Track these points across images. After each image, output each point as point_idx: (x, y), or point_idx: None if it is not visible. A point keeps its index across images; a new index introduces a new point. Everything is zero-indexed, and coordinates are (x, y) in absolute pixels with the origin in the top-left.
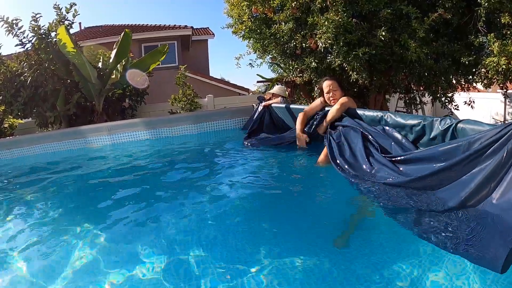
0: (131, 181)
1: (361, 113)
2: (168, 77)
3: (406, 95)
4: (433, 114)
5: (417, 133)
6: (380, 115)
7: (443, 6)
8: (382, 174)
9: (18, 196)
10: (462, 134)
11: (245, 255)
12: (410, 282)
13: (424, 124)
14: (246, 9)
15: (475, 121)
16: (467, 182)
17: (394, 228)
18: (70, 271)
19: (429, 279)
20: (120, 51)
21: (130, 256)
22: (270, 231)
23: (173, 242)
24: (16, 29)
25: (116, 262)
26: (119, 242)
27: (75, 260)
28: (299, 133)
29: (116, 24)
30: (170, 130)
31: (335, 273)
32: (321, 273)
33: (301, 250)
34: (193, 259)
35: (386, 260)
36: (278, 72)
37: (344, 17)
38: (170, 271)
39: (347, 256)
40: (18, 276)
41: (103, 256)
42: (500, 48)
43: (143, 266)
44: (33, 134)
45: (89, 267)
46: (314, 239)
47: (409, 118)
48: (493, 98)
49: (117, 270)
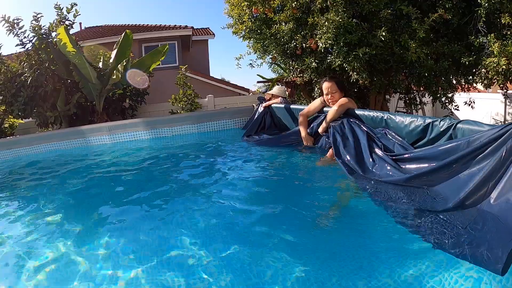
0: (131, 181)
1: (361, 114)
2: (168, 77)
3: (406, 96)
4: (433, 114)
5: (418, 134)
6: (380, 116)
7: (443, 6)
8: (384, 172)
9: (18, 196)
10: (462, 135)
11: (247, 252)
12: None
13: (425, 125)
14: (246, 9)
15: (475, 122)
16: (466, 181)
17: (390, 225)
18: (69, 270)
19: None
20: (121, 52)
21: (130, 256)
22: (270, 230)
23: (174, 241)
24: (17, 28)
25: (115, 261)
26: (118, 242)
27: (75, 259)
28: (305, 135)
29: (117, 24)
30: (171, 130)
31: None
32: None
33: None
34: (191, 258)
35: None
36: (279, 72)
37: (345, 17)
38: (171, 271)
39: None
40: (16, 275)
41: (102, 257)
42: (500, 49)
43: (143, 265)
44: (34, 134)
45: (88, 266)
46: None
47: (409, 118)
48: (493, 99)
49: (116, 269)
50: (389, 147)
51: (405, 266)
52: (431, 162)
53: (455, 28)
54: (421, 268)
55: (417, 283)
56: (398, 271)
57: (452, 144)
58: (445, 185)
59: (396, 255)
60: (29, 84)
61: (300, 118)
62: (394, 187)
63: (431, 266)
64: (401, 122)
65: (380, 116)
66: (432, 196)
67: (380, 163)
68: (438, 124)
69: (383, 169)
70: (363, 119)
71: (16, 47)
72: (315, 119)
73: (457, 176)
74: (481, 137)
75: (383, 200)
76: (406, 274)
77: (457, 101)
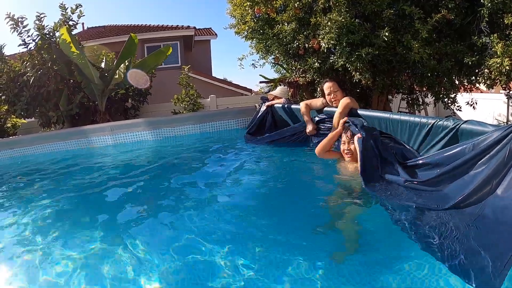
0: (133, 181)
1: (363, 114)
2: (170, 77)
3: (409, 96)
4: (436, 114)
5: (424, 134)
6: (383, 116)
7: (446, 6)
8: (401, 177)
9: (19, 194)
10: (466, 135)
11: (250, 250)
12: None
13: (429, 124)
14: (249, 9)
15: (478, 122)
16: (471, 180)
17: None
18: (68, 269)
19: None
20: (125, 55)
21: (131, 254)
22: (270, 227)
23: (174, 241)
24: (20, 27)
25: (113, 260)
26: (116, 241)
27: (73, 259)
28: (308, 119)
29: (119, 25)
30: (173, 130)
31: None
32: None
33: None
34: (194, 256)
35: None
36: (281, 72)
37: (347, 17)
38: (171, 271)
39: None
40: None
41: (102, 256)
42: (503, 49)
43: (146, 264)
44: (36, 134)
45: (86, 265)
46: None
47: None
48: (495, 99)
49: (116, 268)
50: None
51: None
52: (440, 167)
53: (458, 28)
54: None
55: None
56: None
57: (458, 149)
58: (451, 185)
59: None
60: (31, 84)
61: (303, 107)
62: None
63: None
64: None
65: (383, 116)
66: (438, 196)
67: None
68: (442, 124)
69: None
70: (367, 119)
71: (18, 47)
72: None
73: (462, 177)
74: (486, 140)
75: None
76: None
77: (459, 101)
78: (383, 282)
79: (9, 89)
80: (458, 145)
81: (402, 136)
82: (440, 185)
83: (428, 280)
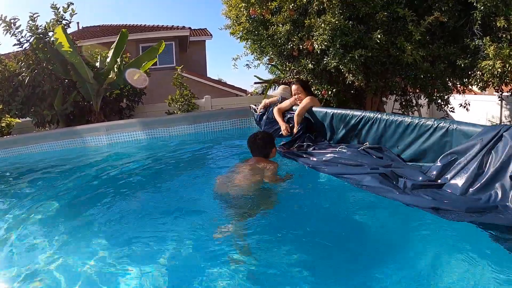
0: (127, 181)
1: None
2: (165, 78)
3: (402, 97)
4: (429, 116)
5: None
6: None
7: (439, 9)
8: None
9: (13, 194)
10: (457, 136)
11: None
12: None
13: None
14: (244, 10)
15: (471, 124)
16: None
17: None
18: (60, 269)
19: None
20: (117, 51)
21: (126, 254)
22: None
23: (171, 241)
24: (14, 28)
25: (112, 258)
26: (112, 242)
27: (65, 259)
28: (282, 122)
29: (114, 24)
30: (167, 130)
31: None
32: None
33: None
34: (191, 256)
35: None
36: (275, 73)
37: (341, 19)
38: (170, 273)
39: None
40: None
41: (96, 257)
42: (495, 51)
43: (136, 266)
44: (30, 134)
45: (80, 265)
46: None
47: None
48: (488, 101)
49: (115, 267)
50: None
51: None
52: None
53: (451, 30)
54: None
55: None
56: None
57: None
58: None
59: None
60: (26, 84)
61: (275, 111)
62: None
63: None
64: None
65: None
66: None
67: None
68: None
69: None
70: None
71: (13, 47)
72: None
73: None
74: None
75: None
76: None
77: (452, 103)
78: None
79: (4, 89)
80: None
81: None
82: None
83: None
